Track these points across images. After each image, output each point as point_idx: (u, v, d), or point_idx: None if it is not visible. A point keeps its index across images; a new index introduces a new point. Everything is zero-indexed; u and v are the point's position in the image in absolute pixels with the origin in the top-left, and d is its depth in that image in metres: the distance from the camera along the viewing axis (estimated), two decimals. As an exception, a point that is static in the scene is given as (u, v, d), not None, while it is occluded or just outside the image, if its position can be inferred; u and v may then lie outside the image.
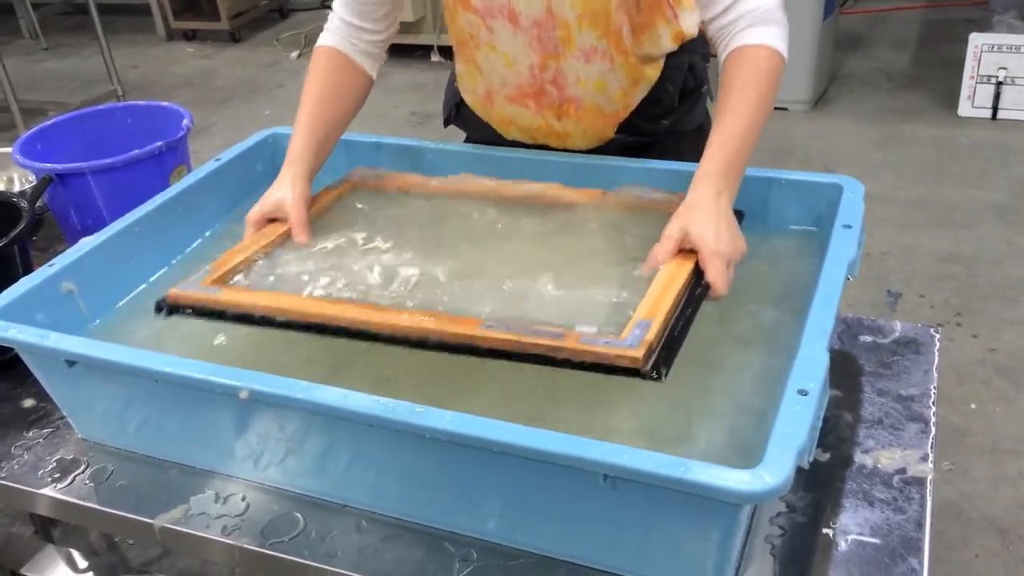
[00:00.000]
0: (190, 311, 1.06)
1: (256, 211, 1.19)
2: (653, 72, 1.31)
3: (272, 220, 1.19)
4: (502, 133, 1.41)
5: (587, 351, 0.89)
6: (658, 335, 0.90)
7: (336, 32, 1.29)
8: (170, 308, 1.07)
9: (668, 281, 0.98)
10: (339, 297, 1.05)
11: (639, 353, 0.87)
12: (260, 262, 1.14)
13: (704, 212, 1.02)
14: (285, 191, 1.18)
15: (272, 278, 1.11)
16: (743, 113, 1.08)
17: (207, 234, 1.35)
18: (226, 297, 1.05)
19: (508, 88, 1.32)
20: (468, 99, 1.42)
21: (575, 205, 1.21)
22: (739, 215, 1.08)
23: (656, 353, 0.88)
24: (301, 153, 1.22)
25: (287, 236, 1.18)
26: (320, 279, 1.09)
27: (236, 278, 1.11)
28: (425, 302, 1.02)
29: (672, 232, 1.02)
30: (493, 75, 1.32)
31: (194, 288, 1.07)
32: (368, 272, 1.10)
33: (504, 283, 1.05)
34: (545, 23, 1.22)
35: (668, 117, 1.36)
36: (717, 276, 0.99)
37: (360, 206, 1.28)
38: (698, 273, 1.00)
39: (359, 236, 1.19)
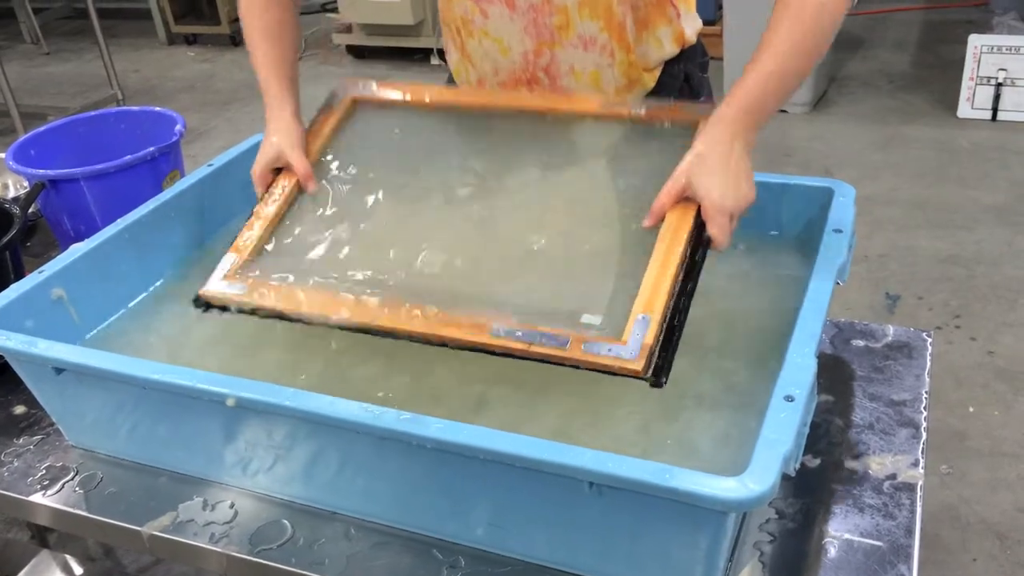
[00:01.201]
0: (224, 309, 1.08)
1: (260, 165, 1.19)
2: (650, 79, 1.31)
3: (277, 169, 1.19)
4: None
5: (590, 361, 0.91)
6: (656, 335, 0.91)
7: None
8: (208, 304, 1.09)
9: (667, 253, 0.97)
10: (355, 283, 1.05)
11: (639, 365, 0.89)
12: (280, 229, 1.15)
13: (711, 162, 0.99)
14: (281, 138, 1.18)
15: (297, 258, 1.11)
16: (772, 59, 1.02)
17: (200, 239, 1.34)
18: (253, 300, 1.06)
19: (501, 75, 1.31)
20: None
21: (581, 124, 1.18)
22: None
23: (654, 359, 0.90)
24: (280, 94, 1.21)
25: (297, 188, 1.18)
26: (339, 254, 1.10)
27: (265, 262, 1.11)
28: (434, 274, 1.05)
29: (676, 183, 1.00)
30: (485, 62, 1.31)
31: (222, 287, 1.09)
32: (378, 238, 1.11)
33: (507, 248, 1.06)
34: (542, 8, 1.21)
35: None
36: (719, 231, 0.97)
37: (358, 138, 1.25)
38: (700, 225, 0.99)
39: (365, 177, 1.18)
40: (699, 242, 0.99)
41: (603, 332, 0.93)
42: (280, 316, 1.05)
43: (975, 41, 3.84)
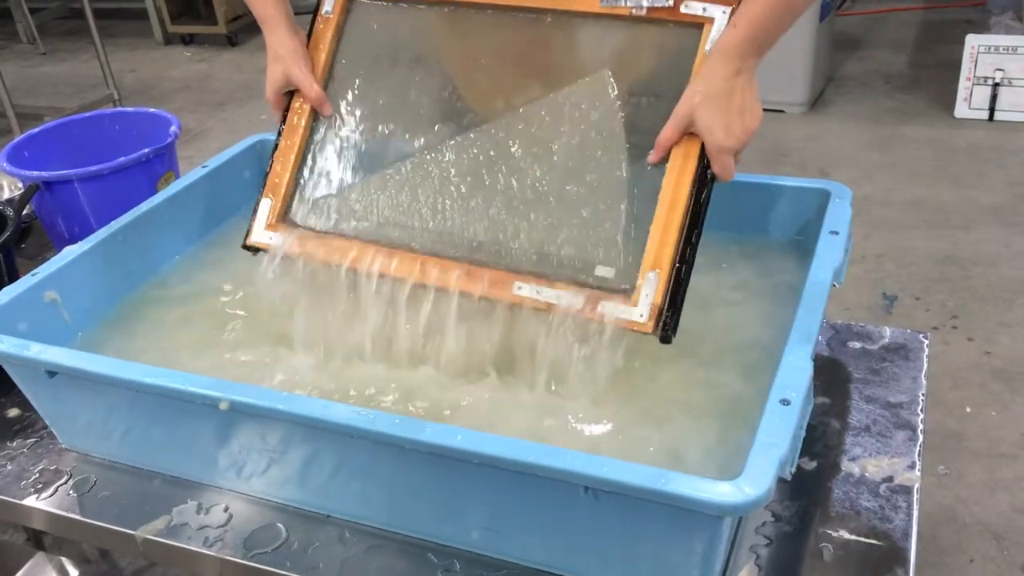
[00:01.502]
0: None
1: (271, 90, 1.19)
2: None
3: (289, 92, 1.19)
4: None
5: (604, 320, 0.98)
6: (664, 292, 0.97)
7: None
8: (255, 248, 1.17)
9: (673, 197, 0.99)
10: (386, 229, 1.12)
11: (649, 325, 0.97)
12: (312, 177, 1.19)
13: (714, 98, 0.97)
14: (285, 60, 1.16)
15: (326, 204, 1.16)
16: None
17: (194, 241, 1.34)
18: (297, 249, 1.14)
19: None
20: None
21: (582, 26, 1.12)
22: None
23: (663, 317, 0.97)
24: (273, 13, 1.18)
25: (312, 112, 1.18)
26: (364, 199, 1.15)
27: (299, 208, 1.18)
28: (454, 222, 1.10)
29: (679, 120, 0.98)
30: None
31: (267, 238, 1.16)
32: (398, 181, 1.14)
33: (520, 190, 1.08)
34: None
35: None
36: (722, 169, 0.99)
37: (360, 47, 1.22)
38: (704, 162, 0.99)
39: (374, 102, 1.19)
40: (704, 180, 0.99)
41: (616, 284, 1.00)
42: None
43: (972, 41, 3.84)
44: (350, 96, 1.20)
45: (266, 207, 1.17)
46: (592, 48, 1.11)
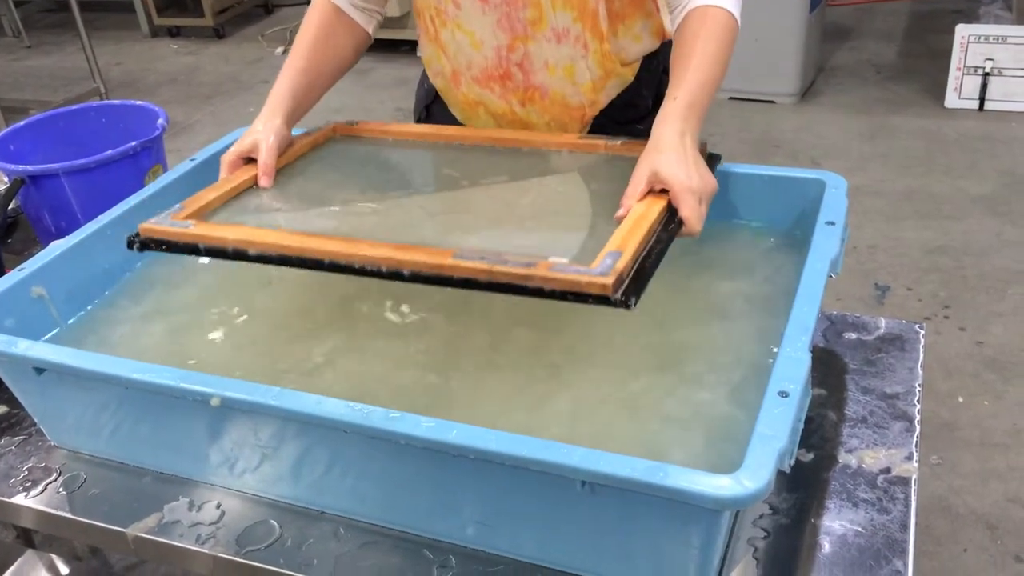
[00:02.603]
0: (164, 247, 1.03)
1: (232, 151, 1.19)
2: (628, 72, 1.29)
3: (249, 160, 1.19)
4: (469, 121, 1.39)
5: (557, 279, 0.87)
6: (628, 264, 0.89)
7: None
8: (142, 243, 1.04)
9: (639, 218, 0.97)
10: (310, 230, 1.02)
11: (609, 280, 0.85)
12: (231, 202, 1.13)
13: (671, 151, 1.01)
14: (259, 132, 1.18)
15: (244, 217, 1.10)
16: (703, 68, 1.08)
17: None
18: (199, 231, 1.03)
19: (474, 70, 1.30)
20: (437, 83, 1.39)
21: (546, 152, 1.22)
22: (715, 158, 1.10)
23: (626, 281, 0.87)
24: (281, 95, 1.23)
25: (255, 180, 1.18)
26: (292, 215, 1.11)
27: (208, 216, 1.10)
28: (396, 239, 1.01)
29: (642, 173, 1.01)
30: (459, 56, 1.30)
31: (167, 223, 1.04)
32: (337, 213, 1.11)
33: (477, 225, 1.07)
34: (515, 1, 1.20)
35: (643, 122, 1.34)
36: (691, 212, 0.98)
37: (335, 152, 1.28)
38: (671, 211, 0.99)
39: (331, 179, 1.20)
40: (671, 219, 0.99)
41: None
42: (225, 252, 1.01)
43: (962, 31, 3.84)
44: (300, 186, 1.19)
45: (173, 210, 1.07)
46: (561, 160, 1.20)
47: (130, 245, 1.05)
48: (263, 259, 0.99)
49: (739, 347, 1.01)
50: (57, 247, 1.16)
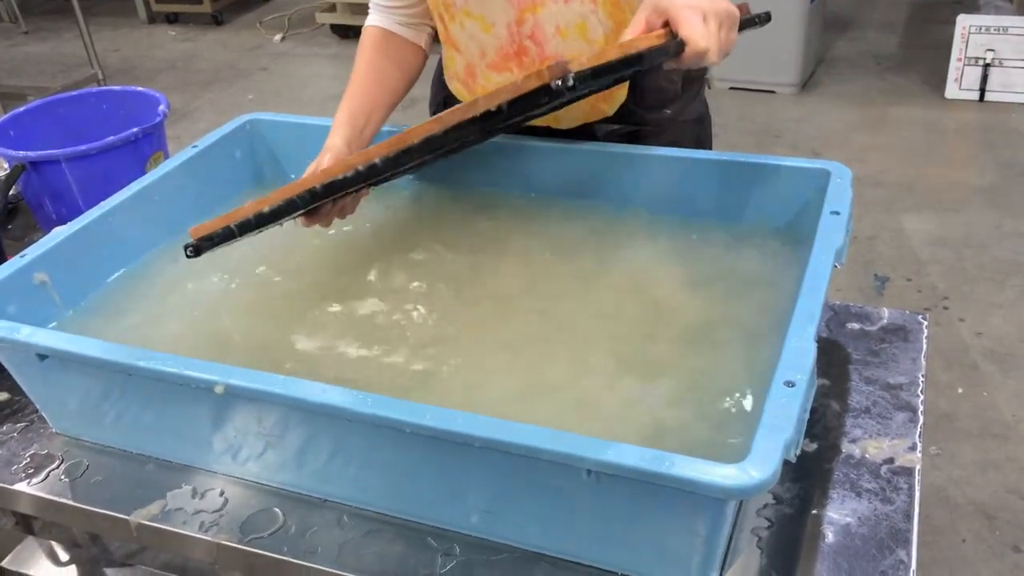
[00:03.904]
0: (214, 240, 1.03)
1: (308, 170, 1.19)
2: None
3: None
4: None
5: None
6: (586, 66, 0.89)
7: (375, 12, 1.35)
8: (196, 248, 1.03)
9: (623, 44, 0.94)
10: None
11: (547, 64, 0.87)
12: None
13: None
14: (318, 162, 1.19)
15: None
16: None
17: (185, 223, 1.32)
18: (241, 213, 1.04)
19: (489, 55, 1.29)
20: (453, 87, 1.39)
21: None
22: (761, 18, 1.02)
23: (572, 73, 0.87)
24: (339, 122, 1.24)
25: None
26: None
27: None
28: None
29: (641, 12, 0.96)
30: (471, 45, 1.29)
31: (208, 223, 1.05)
32: None
33: None
34: None
35: (671, 106, 1.34)
36: (691, 30, 0.91)
37: None
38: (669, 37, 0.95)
39: None
40: (670, 37, 0.94)
41: None
42: (270, 217, 1.04)
43: (963, 21, 3.83)
44: None
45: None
46: None
47: (187, 254, 1.04)
48: (299, 203, 1.03)
49: (741, 337, 1.01)
50: (59, 233, 1.15)
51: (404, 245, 1.24)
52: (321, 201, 1.05)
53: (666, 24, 0.96)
